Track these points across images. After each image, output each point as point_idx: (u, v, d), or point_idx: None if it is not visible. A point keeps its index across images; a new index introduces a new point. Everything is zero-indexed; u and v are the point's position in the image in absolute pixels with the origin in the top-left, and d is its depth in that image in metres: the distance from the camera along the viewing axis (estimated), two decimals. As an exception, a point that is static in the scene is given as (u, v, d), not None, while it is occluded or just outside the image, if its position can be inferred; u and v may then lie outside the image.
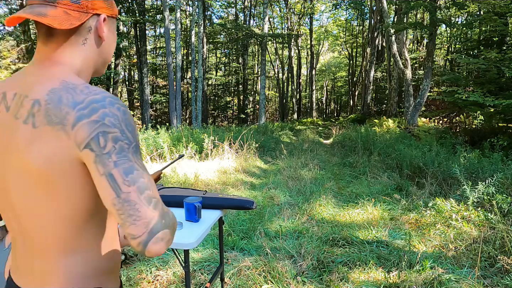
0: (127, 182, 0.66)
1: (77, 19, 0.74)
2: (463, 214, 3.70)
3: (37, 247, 0.75)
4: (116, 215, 0.67)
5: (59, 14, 0.73)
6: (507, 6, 8.93)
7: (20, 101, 0.71)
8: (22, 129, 0.69)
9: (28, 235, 0.75)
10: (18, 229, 0.77)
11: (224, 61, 30.44)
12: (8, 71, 10.39)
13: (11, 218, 0.77)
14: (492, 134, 7.75)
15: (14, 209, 0.75)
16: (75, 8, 0.74)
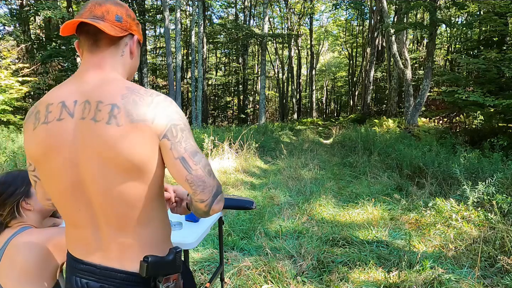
0: (195, 162, 0.89)
1: (120, 32, 0.92)
2: (463, 214, 3.70)
3: (121, 224, 0.90)
4: (188, 187, 0.90)
5: (107, 25, 0.90)
6: (507, 6, 8.93)
7: (94, 106, 0.86)
8: (106, 129, 0.84)
9: (111, 215, 0.89)
10: (90, 214, 0.91)
11: (224, 61, 30.44)
12: (8, 71, 10.38)
13: (82, 207, 0.90)
14: (492, 134, 7.74)
15: (89, 196, 0.89)
16: (118, 25, 0.92)
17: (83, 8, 0.92)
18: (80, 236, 0.94)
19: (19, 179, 1.28)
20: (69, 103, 0.88)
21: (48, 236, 1.22)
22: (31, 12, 13.29)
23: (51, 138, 0.88)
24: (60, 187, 0.91)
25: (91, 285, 0.93)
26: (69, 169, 0.88)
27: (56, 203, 0.97)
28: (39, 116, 0.90)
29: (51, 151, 0.88)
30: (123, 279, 0.92)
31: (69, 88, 0.90)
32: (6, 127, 8.64)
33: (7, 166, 5.19)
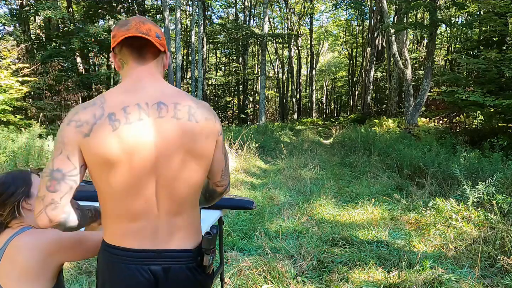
0: (227, 159, 1.20)
1: (161, 46, 1.08)
2: (463, 214, 3.70)
3: (180, 208, 1.08)
4: (219, 176, 1.19)
5: (153, 39, 1.06)
6: (507, 6, 8.93)
7: (171, 107, 1.03)
8: (187, 125, 1.03)
9: (175, 201, 1.06)
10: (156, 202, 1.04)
11: (224, 61, 30.43)
12: (8, 71, 10.38)
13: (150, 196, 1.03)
14: (492, 134, 7.74)
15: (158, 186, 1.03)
16: (158, 41, 1.07)
17: (126, 25, 1.05)
18: (137, 228, 1.05)
19: (20, 179, 1.28)
20: (143, 105, 1.02)
21: (49, 236, 1.22)
22: (31, 12, 13.29)
23: (135, 136, 0.99)
24: (136, 178, 1.01)
25: (153, 268, 1.04)
26: (148, 163, 1.01)
27: (114, 202, 1.03)
28: (117, 118, 0.98)
29: (136, 147, 0.99)
30: (180, 257, 1.08)
31: (133, 93, 1.04)
32: (6, 127, 8.63)
33: (7, 166, 5.19)
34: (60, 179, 0.98)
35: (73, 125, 0.99)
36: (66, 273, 2.74)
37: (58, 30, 15.47)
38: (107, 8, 16.53)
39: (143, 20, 1.06)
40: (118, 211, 1.04)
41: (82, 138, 0.97)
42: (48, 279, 1.21)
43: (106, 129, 0.97)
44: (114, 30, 1.07)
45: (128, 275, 1.04)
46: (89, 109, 1.00)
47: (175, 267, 1.07)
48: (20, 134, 7.96)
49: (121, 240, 1.05)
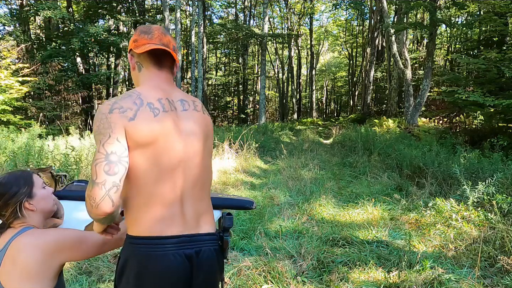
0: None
1: (176, 59, 1.26)
2: (463, 214, 3.70)
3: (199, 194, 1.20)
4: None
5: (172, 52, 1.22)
6: (507, 6, 8.93)
7: (191, 102, 1.25)
8: (203, 116, 1.27)
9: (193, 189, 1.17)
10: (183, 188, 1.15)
11: (224, 61, 30.43)
12: (8, 71, 10.38)
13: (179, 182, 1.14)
14: (492, 134, 7.74)
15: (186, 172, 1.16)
16: (174, 54, 1.23)
17: (149, 33, 1.19)
18: (168, 215, 1.12)
19: (22, 179, 1.28)
20: (171, 99, 1.20)
21: (50, 236, 1.22)
22: (31, 12, 13.29)
23: (171, 122, 1.14)
24: (170, 163, 1.12)
25: (187, 252, 1.12)
26: (180, 147, 1.14)
27: (149, 187, 1.09)
28: (156, 107, 1.13)
29: (171, 133, 1.13)
30: (207, 239, 1.18)
31: (160, 92, 1.19)
32: (6, 127, 8.63)
33: (7, 166, 5.19)
34: (117, 161, 1.03)
35: (116, 112, 1.07)
36: (66, 273, 2.74)
37: (58, 30, 15.47)
38: (107, 8, 16.53)
39: (164, 32, 1.21)
40: (150, 198, 1.09)
41: (128, 122, 1.07)
42: (49, 279, 1.21)
43: (149, 115, 1.10)
44: (136, 35, 1.20)
45: (167, 262, 1.08)
46: (128, 99, 1.11)
47: (205, 249, 1.16)
48: (20, 134, 7.96)
49: (154, 229, 1.09)
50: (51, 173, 1.93)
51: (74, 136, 8.89)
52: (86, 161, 5.44)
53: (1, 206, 1.24)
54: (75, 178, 4.70)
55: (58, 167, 4.83)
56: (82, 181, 2.02)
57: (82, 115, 15.61)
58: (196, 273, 1.13)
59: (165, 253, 1.08)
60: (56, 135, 9.39)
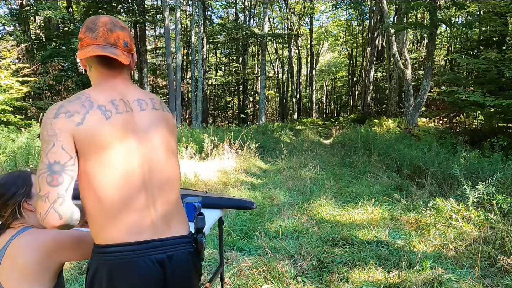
0: None
1: (128, 57, 1.14)
2: (463, 214, 3.70)
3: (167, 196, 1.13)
4: None
5: (120, 53, 1.11)
6: (507, 6, 8.93)
7: (149, 101, 1.18)
8: (164, 113, 1.20)
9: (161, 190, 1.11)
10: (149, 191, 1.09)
11: (224, 61, 30.42)
12: (8, 71, 10.38)
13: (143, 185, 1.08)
14: (492, 134, 7.74)
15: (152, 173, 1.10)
16: (125, 50, 1.14)
17: (94, 31, 1.08)
18: (136, 220, 1.06)
19: (20, 180, 1.28)
20: (126, 100, 1.12)
21: (49, 236, 1.22)
22: (31, 12, 13.28)
23: (127, 124, 1.08)
24: (132, 166, 1.06)
25: (159, 257, 1.07)
26: (141, 149, 1.09)
27: (111, 193, 1.02)
28: (108, 109, 1.06)
29: (126, 135, 1.07)
30: (180, 243, 1.12)
31: (113, 92, 1.12)
32: (6, 127, 8.63)
33: (7, 166, 5.19)
34: (60, 171, 0.96)
35: (63, 116, 0.99)
36: (66, 273, 2.74)
37: (58, 30, 15.47)
38: (107, 8, 16.53)
39: (111, 27, 1.09)
40: (114, 204, 1.02)
41: (75, 127, 0.99)
42: (48, 279, 1.21)
43: (98, 117, 1.03)
44: (81, 33, 1.09)
45: (137, 268, 1.03)
46: (76, 102, 1.03)
47: (178, 253, 1.11)
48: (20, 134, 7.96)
49: (123, 236, 1.03)
50: (51, 173, 1.92)
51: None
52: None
53: (0, 206, 1.24)
54: (75, 178, 4.69)
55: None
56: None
57: (82, 115, 15.57)
58: (170, 278, 1.09)
59: (135, 259, 1.03)
60: (56, 135, 9.36)
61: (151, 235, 1.07)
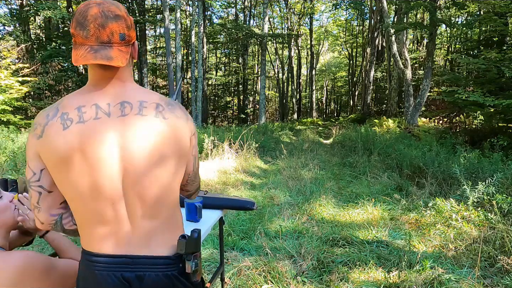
0: (197, 163, 1.15)
1: (126, 53, 0.98)
2: (463, 214, 3.70)
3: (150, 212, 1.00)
4: (185, 180, 1.12)
5: (117, 53, 0.95)
6: (507, 6, 8.93)
7: (136, 105, 0.98)
8: (154, 121, 0.97)
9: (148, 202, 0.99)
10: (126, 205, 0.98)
11: (224, 61, 30.42)
12: (8, 71, 10.38)
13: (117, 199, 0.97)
14: (492, 134, 7.74)
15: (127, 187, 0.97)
16: (122, 44, 0.97)
17: (84, 27, 0.92)
18: (107, 233, 0.99)
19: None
20: (102, 105, 0.97)
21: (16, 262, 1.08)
22: (31, 12, 13.29)
23: (90, 134, 0.94)
24: (96, 180, 0.95)
25: (127, 275, 0.99)
26: (110, 161, 0.95)
27: (79, 205, 0.98)
28: (69, 117, 0.95)
29: (90, 146, 0.94)
30: (155, 264, 1.00)
31: (93, 94, 0.99)
32: (6, 127, 8.64)
33: (7, 166, 5.20)
34: (29, 187, 1.02)
35: (32, 130, 0.99)
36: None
37: (58, 30, 15.48)
38: (107, 8, 16.51)
39: (102, 22, 0.93)
40: (86, 215, 0.99)
41: (37, 141, 0.96)
42: None
43: (56, 128, 0.94)
44: (72, 27, 0.95)
45: (101, 282, 0.99)
46: (46, 111, 0.99)
47: (150, 275, 0.99)
48: (20, 134, 7.97)
49: (94, 245, 1.01)
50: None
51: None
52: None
53: None
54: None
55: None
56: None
57: (82, 115, 15.58)
58: None
59: (101, 272, 0.99)
60: (56, 135, 9.38)
61: (123, 251, 0.99)
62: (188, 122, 1.04)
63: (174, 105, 1.04)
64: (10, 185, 1.80)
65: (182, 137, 1.01)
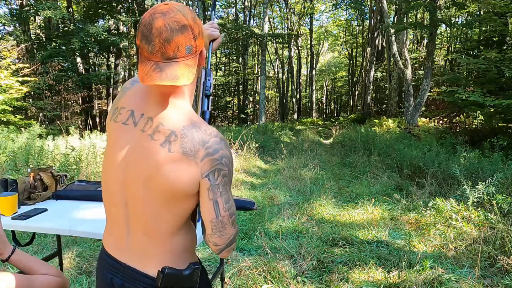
0: (225, 208, 0.93)
1: (193, 67, 0.92)
2: (463, 214, 3.70)
3: (145, 230, 0.96)
4: (209, 228, 0.94)
5: (183, 70, 0.89)
6: (507, 6, 8.93)
7: (155, 125, 0.93)
8: (158, 149, 0.90)
9: (141, 222, 0.95)
10: (125, 214, 0.97)
11: (224, 61, 30.42)
12: (8, 71, 10.38)
13: (121, 205, 0.97)
14: (492, 134, 7.74)
15: (127, 199, 0.96)
16: (189, 57, 0.90)
17: (150, 41, 0.86)
18: (114, 233, 1.02)
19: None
20: (136, 114, 0.96)
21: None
22: (31, 12, 13.29)
23: (115, 133, 0.99)
24: (109, 179, 0.99)
25: (115, 281, 0.99)
26: (119, 167, 0.96)
27: (103, 193, 1.04)
28: (115, 112, 1.00)
29: (115, 146, 0.98)
30: (143, 281, 0.97)
31: (142, 100, 0.98)
32: (6, 127, 8.64)
33: (7, 166, 5.20)
34: None
35: None
36: (66, 273, 2.75)
37: (58, 30, 15.47)
38: (107, 8, 16.51)
39: (168, 36, 0.86)
40: (106, 209, 1.05)
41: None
42: None
43: (108, 118, 1.03)
44: (138, 39, 0.90)
45: (98, 278, 1.06)
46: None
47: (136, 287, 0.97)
48: (20, 134, 7.96)
49: (105, 240, 1.06)
50: (51, 173, 1.93)
51: (74, 136, 8.89)
52: (86, 161, 5.44)
53: None
54: (75, 178, 4.70)
55: (58, 167, 4.83)
56: (83, 181, 2.02)
57: (82, 115, 15.62)
58: None
59: (101, 268, 1.05)
60: (56, 135, 9.40)
61: (119, 256, 1.00)
62: (202, 161, 0.89)
63: (196, 138, 0.90)
64: (10, 185, 1.80)
65: (185, 175, 0.89)
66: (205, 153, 0.90)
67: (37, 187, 1.83)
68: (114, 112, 1.01)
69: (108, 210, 1.03)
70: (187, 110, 0.96)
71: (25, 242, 1.96)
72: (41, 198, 1.83)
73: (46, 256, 2.19)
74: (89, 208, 1.73)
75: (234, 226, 0.97)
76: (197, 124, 0.93)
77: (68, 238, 3.34)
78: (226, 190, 0.94)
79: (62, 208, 1.76)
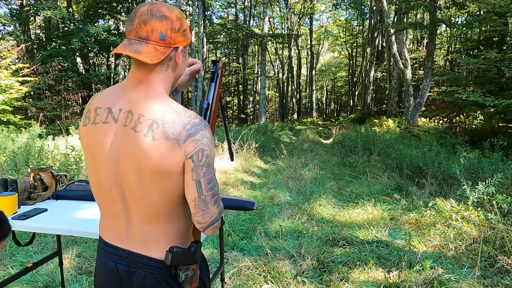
0: (208, 188, 0.97)
1: (162, 53, 0.96)
2: (463, 214, 3.70)
3: (144, 217, 1.00)
4: (192, 207, 0.98)
5: (150, 50, 0.94)
6: (507, 6, 8.93)
7: (136, 117, 0.96)
8: (143, 139, 0.94)
9: (141, 210, 0.99)
10: (124, 206, 1.01)
11: (224, 61, 30.43)
12: (8, 71, 10.38)
13: (118, 199, 1.01)
14: (492, 134, 7.74)
15: (124, 191, 1.00)
16: (162, 44, 0.95)
17: (132, 21, 0.95)
18: (113, 225, 1.06)
19: None
20: (114, 110, 1.00)
21: None
22: (31, 12, 13.29)
23: (97, 136, 1.00)
24: (101, 178, 1.02)
25: (120, 267, 1.03)
26: (109, 165, 1.00)
27: (95, 193, 1.08)
28: (89, 116, 1.02)
29: (96, 147, 1.01)
30: (148, 264, 1.02)
31: (116, 96, 1.01)
32: (6, 127, 8.64)
33: (7, 166, 5.19)
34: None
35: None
36: (66, 273, 2.75)
37: (58, 30, 15.46)
38: (107, 8, 16.51)
39: (146, 18, 0.93)
40: (100, 204, 1.09)
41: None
42: None
43: (82, 123, 1.05)
44: (127, 22, 0.98)
45: (100, 267, 1.08)
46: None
47: (141, 273, 1.01)
48: (20, 134, 7.96)
49: (104, 233, 1.09)
50: (51, 173, 1.93)
51: (74, 136, 8.89)
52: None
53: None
54: (75, 178, 4.70)
55: (58, 167, 4.83)
56: (83, 181, 2.02)
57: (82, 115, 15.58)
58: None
59: (101, 258, 1.08)
60: (56, 135, 9.40)
61: (123, 244, 1.03)
62: (185, 143, 0.93)
63: (177, 122, 0.94)
64: (10, 185, 1.80)
65: (171, 158, 0.93)
66: (186, 135, 0.94)
67: (37, 187, 1.83)
68: (88, 116, 1.03)
69: (105, 206, 1.06)
70: (164, 98, 0.99)
71: (25, 242, 1.96)
72: (41, 198, 1.83)
73: (46, 256, 2.19)
74: (89, 208, 1.73)
75: (217, 205, 1.01)
76: (176, 109, 0.97)
77: (68, 238, 3.34)
78: (210, 170, 0.98)
79: (62, 208, 1.76)
